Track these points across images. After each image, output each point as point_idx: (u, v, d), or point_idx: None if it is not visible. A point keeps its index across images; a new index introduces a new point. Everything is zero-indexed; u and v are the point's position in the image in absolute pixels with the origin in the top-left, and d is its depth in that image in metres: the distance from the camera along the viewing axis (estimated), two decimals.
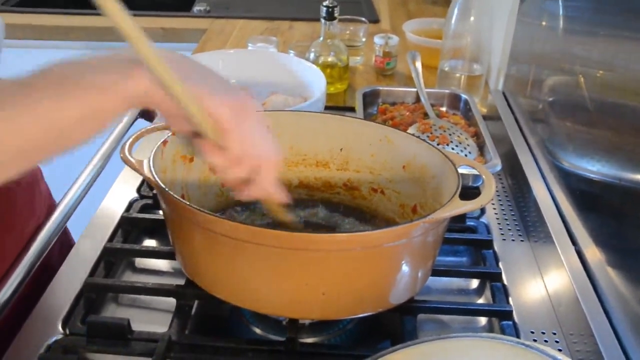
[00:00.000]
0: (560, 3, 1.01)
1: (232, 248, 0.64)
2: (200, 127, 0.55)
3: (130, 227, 0.89)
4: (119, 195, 0.96)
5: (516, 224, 0.95)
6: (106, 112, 0.51)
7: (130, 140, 0.74)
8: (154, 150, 0.72)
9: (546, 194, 0.94)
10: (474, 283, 0.84)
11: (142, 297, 0.79)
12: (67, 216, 0.86)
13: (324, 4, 1.28)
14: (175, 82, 0.51)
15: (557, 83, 1.03)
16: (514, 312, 0.76)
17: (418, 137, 0.82)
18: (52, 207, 0.90)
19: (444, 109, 1.19)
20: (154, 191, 0.94)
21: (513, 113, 1.19)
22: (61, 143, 0.50)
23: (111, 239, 0.85)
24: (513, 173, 1.05)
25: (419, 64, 1.22)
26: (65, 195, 0.89)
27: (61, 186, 0.92)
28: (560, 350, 0.72)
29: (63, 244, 0.92)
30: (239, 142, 0.55)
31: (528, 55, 1.17)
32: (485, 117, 1.14)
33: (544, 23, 1.11)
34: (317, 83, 1.10)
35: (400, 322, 0.73)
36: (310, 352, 0.70)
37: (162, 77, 0.50)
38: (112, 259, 0.83)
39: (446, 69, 1.30)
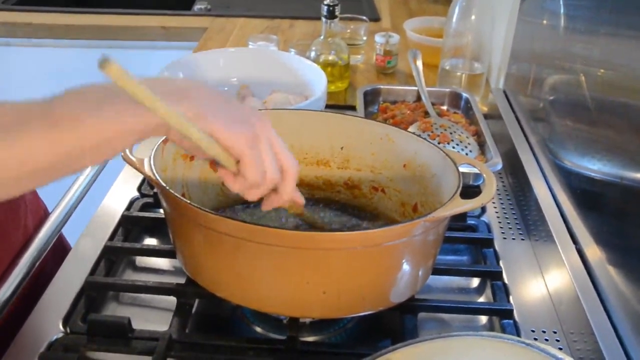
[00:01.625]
0: (561, 2, 1.01)
1: (232, 246, 0.64)
2: (217, 159, 0.57)
3: (130, 226, 0.89)
4: (119, 194, 0.96)
5: (517, 223, 0.95)
6: (118, 142, 0.52)
7: None
8: (154, 149, 0.72)
9: (547, 192, 0.94)
10: (475, 282, 0.84)
11: (143, 295, 0.79)
12: (69, 213, 0.86)
13: (325, 2, 1.28)
14: (190, 128, 0.53)
15: (558, 82, 1.03)
16: (514, 311, 0.76)
17: (419, 135, 0.82)
18: (36, 218, 0.89)
19: (444, 107, 1.18)
20: (155, 190, 0.94)
21: (514, 112, 1.19)
22: (71, 167, 0.53)
23: (112, 237, 0.85)
24: (514, 172, 1.05)
25: (419, 63, 1.22)
26: (67, 192, 0.89)
27: (61, 185, 0.92)
28: (560, 349, 0.72)
29: (57, 248, 0.92)
30: (255, 170, 0.58)
31: (529, 53, 1.17)
32: (486, 116, 1.13)
33: (544, 22, 1.10)
34: (317, 81, 1.10)
35: (401, 320, 0.73)
36: (311, 350, 0.70)
37: (177, 127, 0.52)
38: (113, 257, 0.83)
39: (447, 67, 1.30)
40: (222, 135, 0.55)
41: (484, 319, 0.78)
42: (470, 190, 0.73)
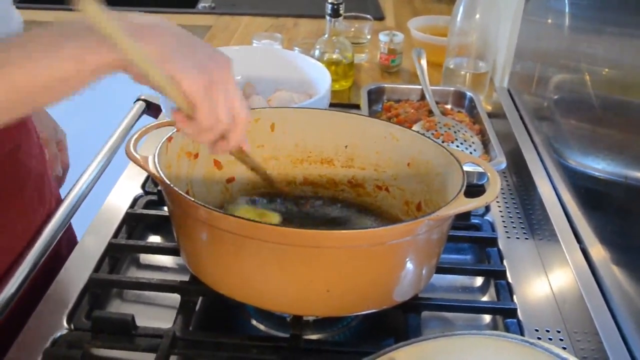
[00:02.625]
0: (566, 1, 1.01)
1: (236, 244, 0.64)
2: (174, 101, 0.59)
3: (134, 223, 0.90)
4: (123, 191, 0.96)
5: (521, 222, 0.95)
6: (75, 81, 0.54)
7: (136, 136, 0.74)
8: (158, 147, 0.72)
9: (551, 191, 0.94)
10: (478, 281, 0.84)
11: (147, 293, 0.79)
12: (73, 210, 0.86)
13: (329, 1, 1.28)
14: (153, 69, 0.55)
15: (563, 81, 1.03)
16: (518, 310, 0.75)
17: (423, 134, 0.82)
18: (58, 200, 0.91)
19: (448, 106, 1.18)
20: (159, 187, 0.94)
21: (518, 111, 1.19)
22: (30, 105, 0.57)
23: (116, 234, 0.86)
24: (518, 171, 1.04)
25: (424, 62, 1.22)
26: (71, 189, 0.89)
27: (67, 181, 0.92)
28: (564, 348, 0.72)
29: (70, 239, 0.93)
30: (207, 116, 0.59)
31: (533, 52, 1.17)
32: (490, 115, 1.13)
33: (549, 20, 1.10)
34: (322, 80, 1.10)
35: (404, 319, 0.73)
36: (314, 348, 0.70)
37: (137, 62, 0.53)
38: (117, 254, 0.83)
39: (451, 66, 1.30)
40: (179, 80, 0.56)
41: (487, 318, 0.78)
42: (474, 189, 0.73)
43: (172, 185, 0.66)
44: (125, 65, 0.55)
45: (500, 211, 0.97)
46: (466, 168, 0.72)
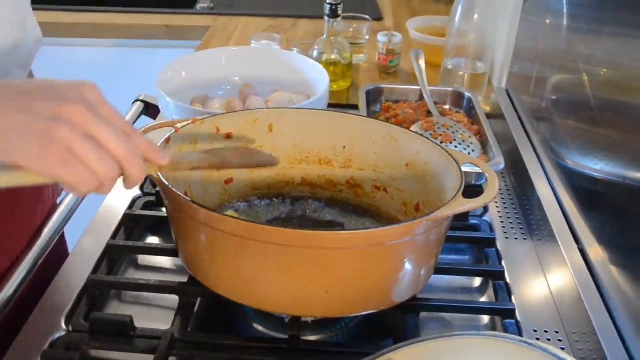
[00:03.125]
0: (564, 1, 1.01)
1: (234, 245, 0.64)
2: (45, 183, 0.54)
3: (133, 224, 0.89)
4: (121, 193, 0.96)
5: (519, 223, 0.95)
6: None
7: None
8: None
9: (549, 192, 0.94)
10: (477, 281, 0.84)
11: (145, 294, 0.79)
12: (70, 212, 0.86)
13: (328, 1, 1.28)
14: None
15: (561, 81, 1.03)
16: (516, 311, 0.75)
17: (421, 135, 0.82)
18: (56, 202, 0.91)
19: (447, 107, 1.18)
20: (157, 188, 0.94)
21: (516, 111, 1.19)
22: None
23: (114, 236, 0.86)
24: (516, 171, 1.04)
25: (422, 62, 1.22)
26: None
27: None
28: (562, 348, 0.72)
29: (58, 248, 0.92)
30: (81, 182, 0.53)
31: (532, 53, 1.17)
32: (488, 115, 1.13)
33: (547, 21, 1.10)
34: (320, 81, 1.10)
35: (403, 320, 0.73)
36: (313, 349, 0.70)
37: None
38: (115, 256, 0.83)
39: (449, 66, 1.30)
40: (24, 167, 0.50)
41: (486, 318, 0.78)
42: (472, 190, 0.73)
43: (170, 187, 0.66)
44: None
45: (499, 212, 0.97)
46: (464, 169, 0.72)
